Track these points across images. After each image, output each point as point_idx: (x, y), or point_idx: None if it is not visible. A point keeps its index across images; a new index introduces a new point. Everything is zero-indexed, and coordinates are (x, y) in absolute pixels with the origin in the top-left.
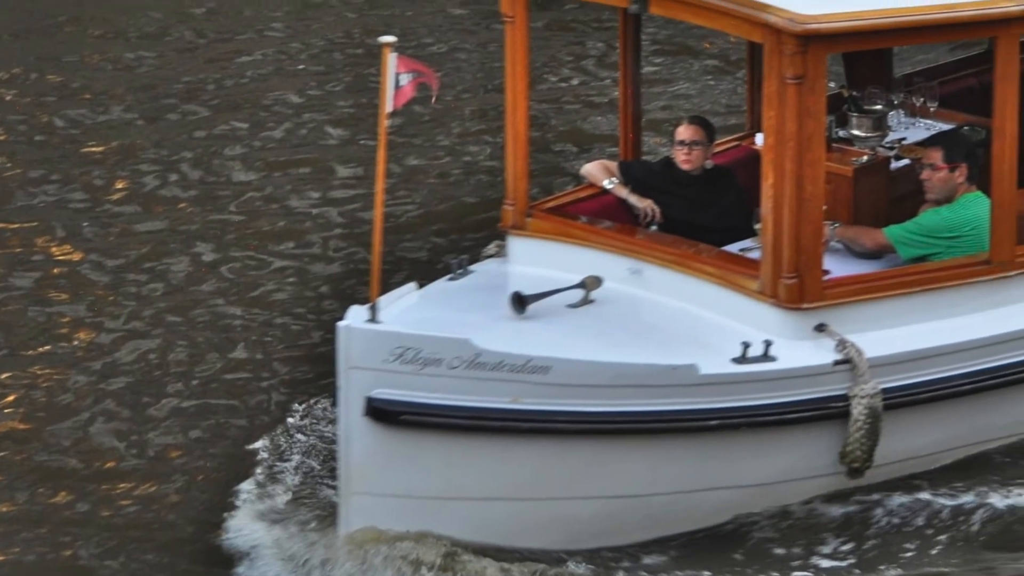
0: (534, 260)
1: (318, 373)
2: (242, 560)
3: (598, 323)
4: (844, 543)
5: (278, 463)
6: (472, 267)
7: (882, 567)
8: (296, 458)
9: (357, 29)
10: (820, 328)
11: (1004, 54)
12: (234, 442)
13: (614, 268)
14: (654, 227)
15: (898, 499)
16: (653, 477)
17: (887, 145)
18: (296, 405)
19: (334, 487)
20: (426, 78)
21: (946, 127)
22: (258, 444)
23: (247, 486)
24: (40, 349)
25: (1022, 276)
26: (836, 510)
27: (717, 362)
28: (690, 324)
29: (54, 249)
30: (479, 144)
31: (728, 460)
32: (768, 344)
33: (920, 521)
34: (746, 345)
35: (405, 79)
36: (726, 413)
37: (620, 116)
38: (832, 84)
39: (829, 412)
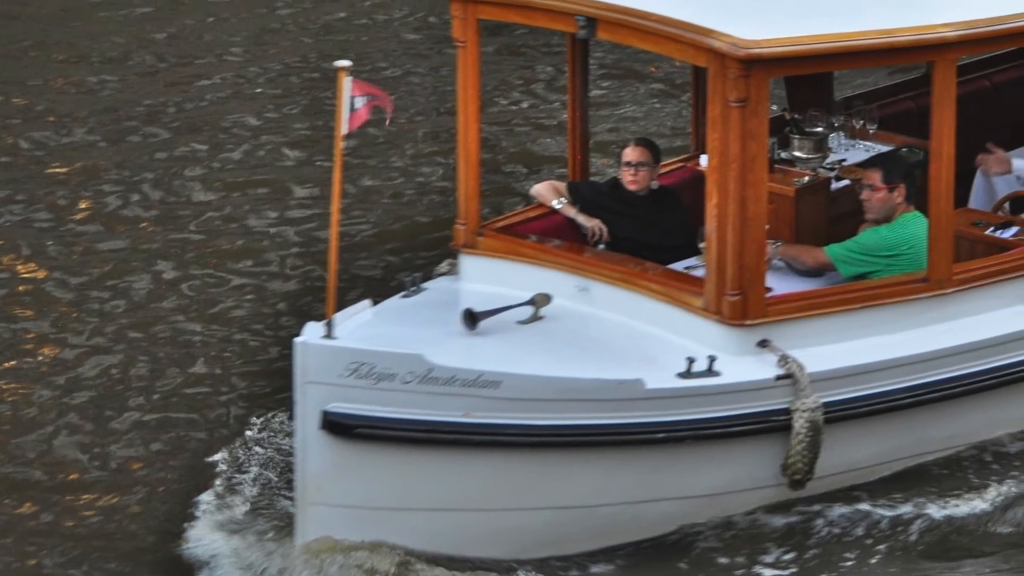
0: (485, 278)
1: (275, 387)
2: (202, 569)
3: (547, 339)
4: (786, 552)
5: (237, 475)
6: (425, 284)
7: None
8: (254, 470)
9: (313, 54)
10: (763, 344)
11: (941, 78)
12: (194, 454)
13: (563, 286)
14: (601, 246)
15: (838, 510)
16: (600, 488)
17: (828, 166)
18: (254, 419)
19: (291, 498)
20: (380, 101)
21: (885, 149)
22: (217, 456)
23: (207, 497)
24: (5, 364)
25: (959, 293)
26: (778, 520)
27: (662, 377)
28: (636, 340)
29: (19, 267)
30: (432, 165)
31: (673, 472)
32: (712, 359)
33: (860, 531)
34: (691, 360)
35: (360, 102)
36: (671, 426)
37: (569, 138)
38: (774, 107)
39: (771, 425)
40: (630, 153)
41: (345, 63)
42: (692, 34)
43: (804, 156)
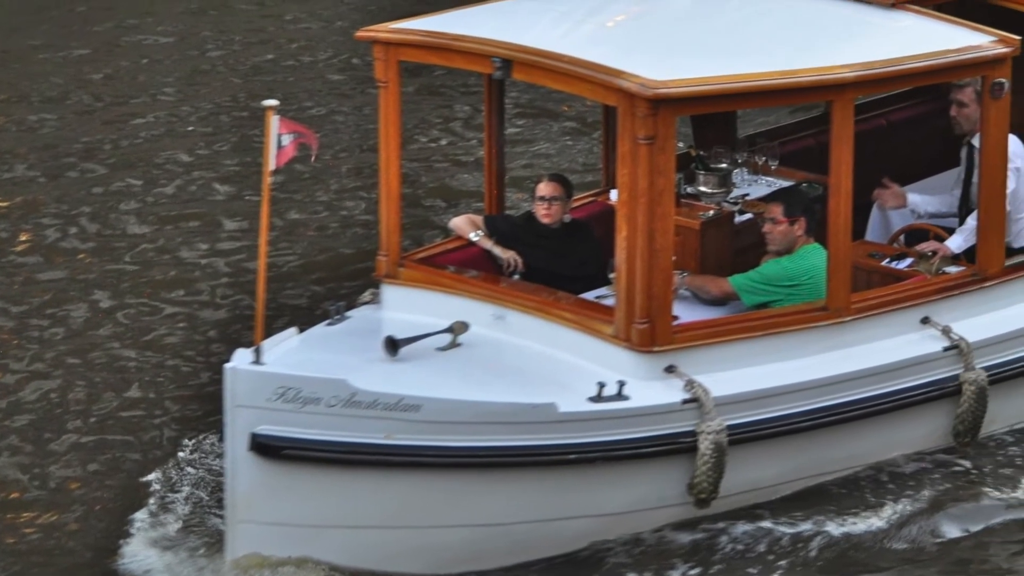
0: (406, 307)
1: (206, 411)
2: None
3: (465, 365)
4: (692, 568)
5: (170, 494)
6: (348, 313)
7: None
8: (186, 489)
9: (242, 93)
10: (670, 369)
11: (839, 117)
12: (129, 474)
13: (480, 314)
14: (517, 276)
15: (742, 527)
16: (515, 507)
17: (731, 200)
18: (186, 440)
19: (221, 516)
20: (306, 139)
21: (786, 184)
22: (151, 476)
23: (141, 515)
24: None
25: (856, 322)
26: (685, 537)
27: (574, 401)
28: (550, 366)
29: None
30: (355, 199)
31: (585, 491)
32: (622, 384)
33: (762, 547)
34: (601, 385)
35: (287, 139)
36: (583, 448)
37: (485, 174)
38: (681, 144)
39: (678, 447)
40: (544, 188)
41: (273, 102)
42: (602, 75)
43: (709, 191)
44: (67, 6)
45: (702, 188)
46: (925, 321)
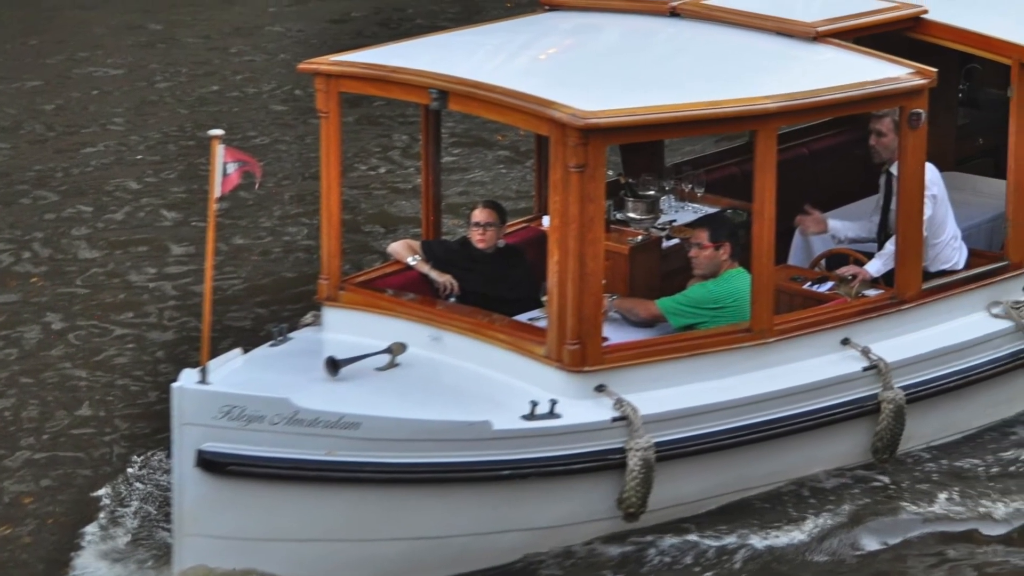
0: (346, 328)
1: (154, 428)
2: None
3: (403, 384)
4: None
5: (119, 508)
6: (291, 334)
7: None
8: (135, 504)
9: (189, 123)
10: (600, 389)
11: (763, 146)
12: (80, 489)
13: (417, 335)
14: (453, 299)
15: (669, 540)
16: (451, 521)
17: (659, 226)
18: (135, 457)
19: (169, 529)
20: (250, 167)
21: (711, 210)
22: (102, 491)
23: (92, 529)
24: None
25: (779, 343)
26: (614, 550)
27: (508, 419)
28: (484, 385)
29: None
30: (297, 225)
31: (518, 506)
32: (554, 403)
33: (689, 560)
34: (534, 404)
35: (232, 168)
36: (516, 464)
37: (422, 200)
38: (610, 172)
39: (608, 463)
40: (479, 214)
41: (218, 132)
42: (535, 105)
43: (638, 217)
44: (20, 39)
45: (631, 214)
46: (845, 342)
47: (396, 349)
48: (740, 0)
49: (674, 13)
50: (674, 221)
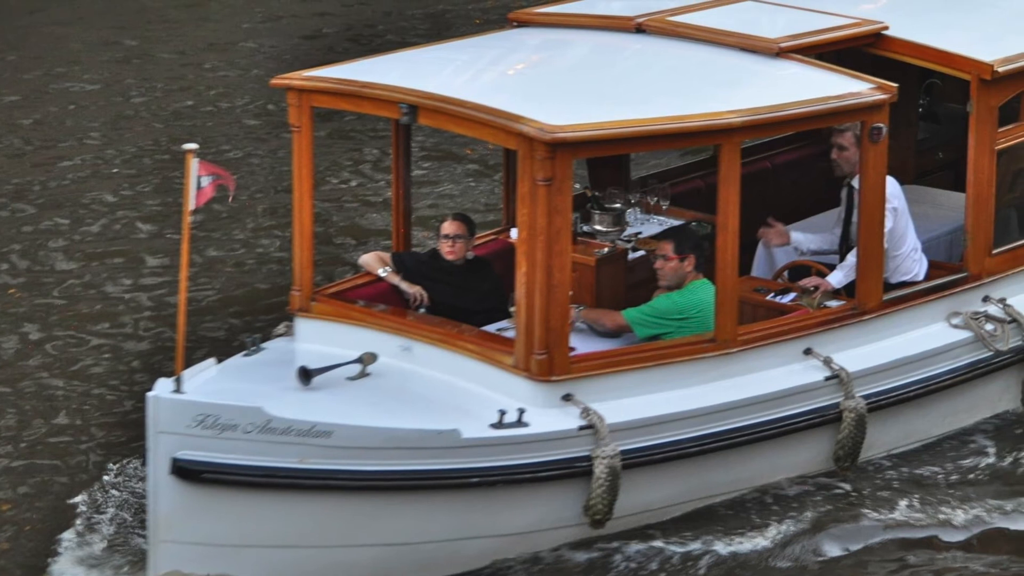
0: (318, 339)
1: (130, 437)
2: None
3: (374, 393)
4: None
5: (95, 515)
6: (264, 345)
7: None
8: (111, 511)
9: (164, 138)
10: (567, 398)
11: (727, 159)
12: (57, 497)
13: (388, 346)
14: (422, 310)
15: (635, 546)
16: (421, 527)
17: (625, 238)
18: (111, 464)
19: (144, 536)
20: (224, 180)
21: (676, 223)
22: (78, 499)
23: (68, 535)
24: None
25: (742, 353)
26: (581, 556)
27: (477, 427)
28: (454, 394)
29: None
30: (270, 237)
31: (486, 512)
32: (521, 412)
33: (654, 566)
34: (502, 412)
35: (206, 181)
36: (484, 472)
37: (393, 213)
38: (577, 185)
39: (574, 471)
40: (448, 227)
41: (192, 146)
42: (503, 120)
43: (604, 229)
44: None
45: (597, 227)
46: (807, 352)
47: (367, 359)
48: (705, 17)
49: (640, 29)
50: (640, 233)
